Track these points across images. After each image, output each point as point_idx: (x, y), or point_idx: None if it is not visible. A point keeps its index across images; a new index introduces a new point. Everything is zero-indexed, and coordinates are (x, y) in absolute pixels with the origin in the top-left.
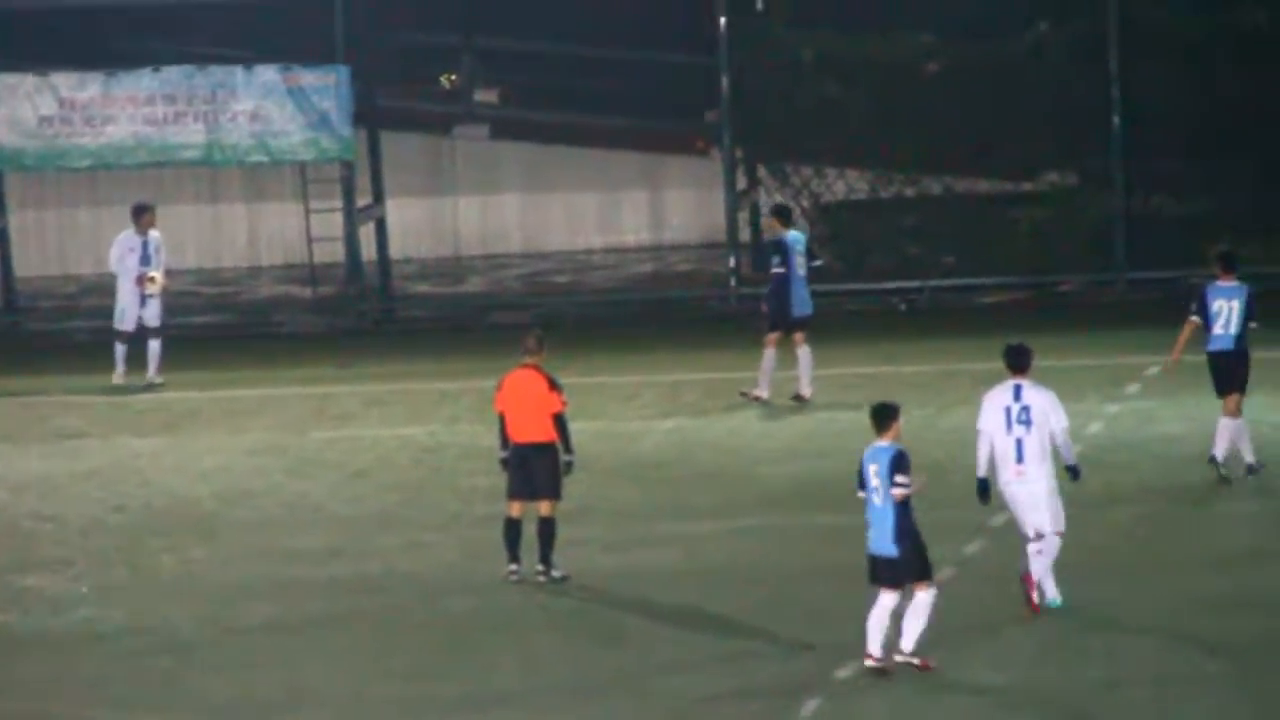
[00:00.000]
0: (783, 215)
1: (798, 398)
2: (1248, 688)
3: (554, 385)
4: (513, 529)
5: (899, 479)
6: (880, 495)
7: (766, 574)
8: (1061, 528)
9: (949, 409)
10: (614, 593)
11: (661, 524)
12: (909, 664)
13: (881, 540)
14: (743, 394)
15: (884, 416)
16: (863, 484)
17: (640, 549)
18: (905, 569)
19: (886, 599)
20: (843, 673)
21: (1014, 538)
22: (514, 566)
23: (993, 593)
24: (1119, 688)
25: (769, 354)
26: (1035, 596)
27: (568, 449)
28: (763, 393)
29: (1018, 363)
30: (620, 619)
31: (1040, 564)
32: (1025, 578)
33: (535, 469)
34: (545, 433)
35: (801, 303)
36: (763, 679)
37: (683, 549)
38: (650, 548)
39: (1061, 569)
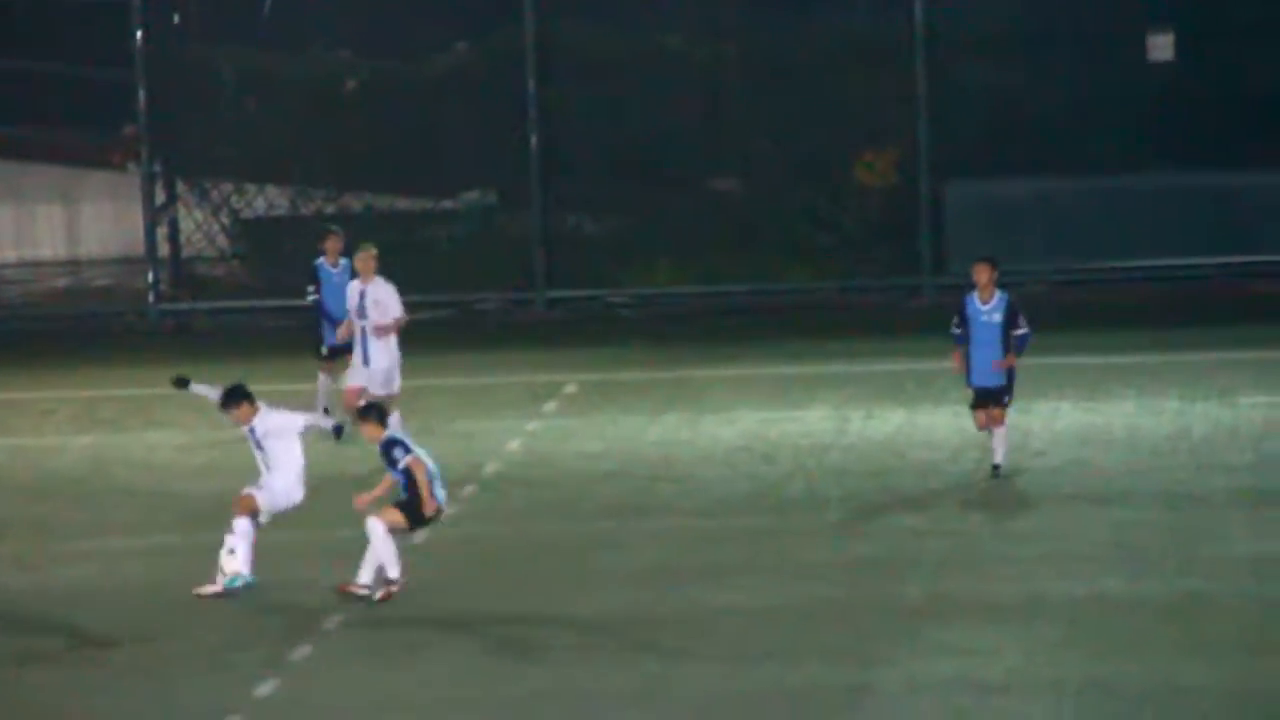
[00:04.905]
0: None
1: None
2: (657, 701)
3: None
4: None
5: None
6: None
7: (186, 591)
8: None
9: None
10: (27, 611)
11: (78, 541)
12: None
13: None
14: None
15: (379, 413)
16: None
17: (55, 566)
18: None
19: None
20: (263, 691)
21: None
22: None
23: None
24: (544, 699)
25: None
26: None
27: None
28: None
29: (229, 404)
30: (33, 638)
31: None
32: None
33: None
34: None
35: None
36: (182, 697)
37: (100, 566)
38: (66, 565)
39: (481, 584)
